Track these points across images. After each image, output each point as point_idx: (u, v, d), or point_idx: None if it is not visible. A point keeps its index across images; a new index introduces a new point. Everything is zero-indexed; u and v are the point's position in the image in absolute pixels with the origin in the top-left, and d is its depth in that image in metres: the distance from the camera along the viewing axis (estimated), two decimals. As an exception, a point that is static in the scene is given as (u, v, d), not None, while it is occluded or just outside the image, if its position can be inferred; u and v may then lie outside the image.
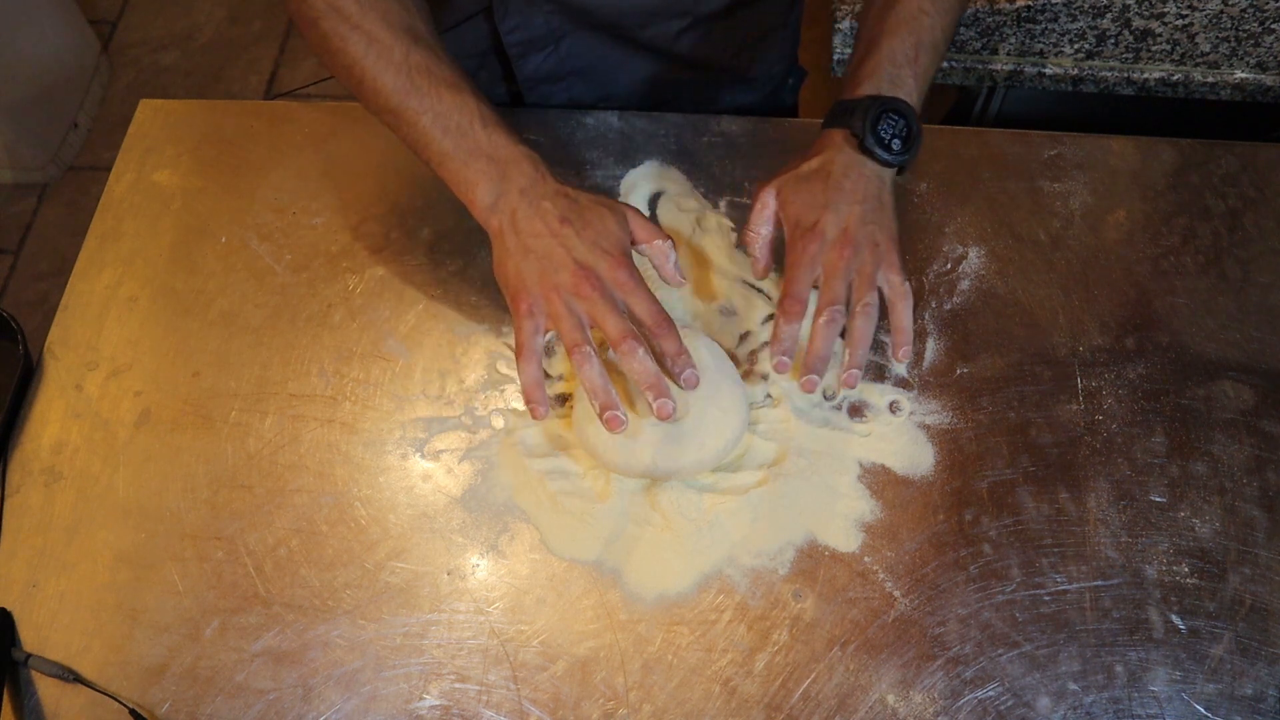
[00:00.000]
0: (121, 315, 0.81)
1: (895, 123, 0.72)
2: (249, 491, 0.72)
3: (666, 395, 0.66)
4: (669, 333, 0.67)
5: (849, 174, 0.72)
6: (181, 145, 0.90)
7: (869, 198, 0.72)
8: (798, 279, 0.71)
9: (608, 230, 0.69)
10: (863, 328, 0.70)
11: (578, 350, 0.66)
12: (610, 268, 0.67)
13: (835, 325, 0.70)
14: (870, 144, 0.71)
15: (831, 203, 0.71)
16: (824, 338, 0.70)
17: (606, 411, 0.66)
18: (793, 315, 0.70)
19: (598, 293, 0.67)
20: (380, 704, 0.65)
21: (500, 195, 0.69)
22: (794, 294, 0.71)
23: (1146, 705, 0.64)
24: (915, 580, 0.68)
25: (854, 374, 0.70)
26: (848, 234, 0.71)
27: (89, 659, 0.66)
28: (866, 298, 0.70)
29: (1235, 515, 0.71)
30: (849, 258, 0.70)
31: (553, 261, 0.67)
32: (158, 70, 2.24)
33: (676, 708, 0.64)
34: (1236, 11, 0.95)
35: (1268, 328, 0.79)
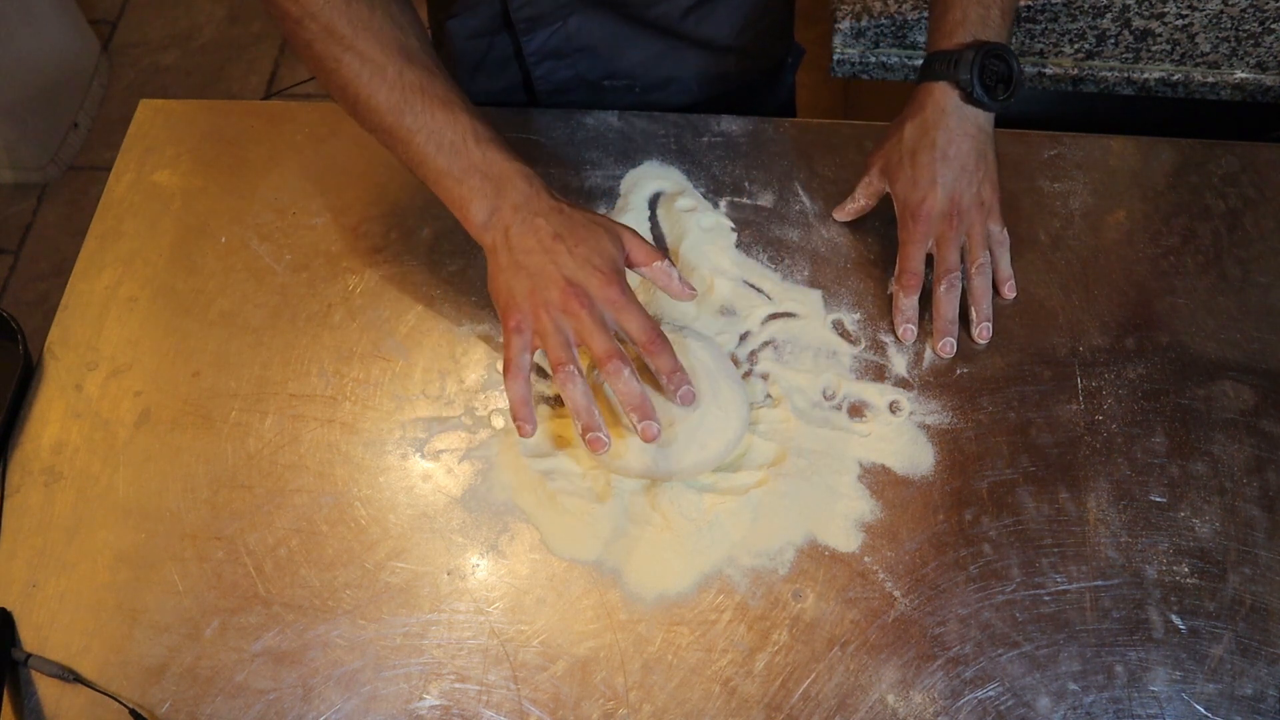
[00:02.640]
0: (121, 315, 0.81)
1: (999, 66, 0.74)
2: (249, 491, 0.72)
3: (651, 417, 0.66)
4: (662, 350, 0.67)
5: (952, 138, 0.75)
6: (181, 145, 0.90)
7: (972, 157, 0.76)
8: (912, 255, 0.77)
9: (601, 248, 0.69)
10: (981, 285, 0.77)
11: (562, 369, 0.66)
12: (601, 285, 0.67)
13: (955, 290, 0.77)
14: (979, 94, 0.74)
15: (937, 177, 0.75)
16: (948, 303, 0.77)
17: (589, 433, 0.66)
18: (911, 289, 0.77)
19: (585, 310, 0.66)
20: (380, 704, 0.65)
21: (494, 211, 0.69)
22: (911, 269, 0.77)
23: (1146, 705, 0.64)
24: (915, 580, 0.68)
25: (986, 327, 0.77)
26: (955, 204, 0.76)
27: (89, 659, 0.66)
28: (980, 258, 0.77)
29: (1235, 515, 0.71)
30: (958, 226, 0.76)
31: (543, 278, 0.67)
32: (158, 70, 2.24)
33: (676, 708, 0.64)
34: (1236, 11, 0.95)
35: (1268, 328, 0.79)
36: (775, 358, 0.77)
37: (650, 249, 0.72)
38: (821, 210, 0.85)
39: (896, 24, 1.02)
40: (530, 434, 0.67)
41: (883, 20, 0.99)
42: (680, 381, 0.68)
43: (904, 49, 1.04)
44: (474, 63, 0.98)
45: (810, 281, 0.81)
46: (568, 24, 0.92)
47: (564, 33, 0.92)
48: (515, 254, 0.68)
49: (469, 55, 0.97)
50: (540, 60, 0.94)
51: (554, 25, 0.92)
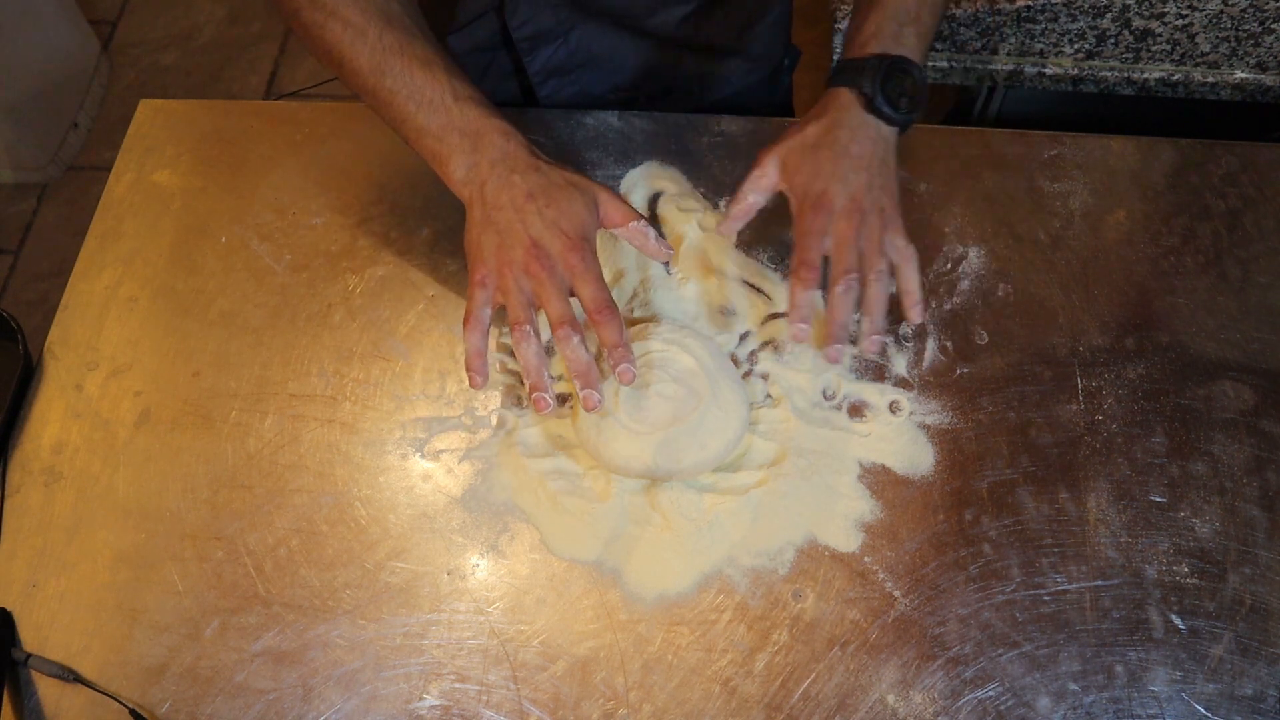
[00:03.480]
0: (121, 315, 0.81)
1: (903, 81, 0.72)
2: (249, 491, 0.72)
3: (593, 387, 0.67)
4: (608, 322, 0.67)
5: (855, 139, 0.73)
6: (181, 145, 0.90)
7: (874, 162, 0.73)
8: (810, 247, 0.71)
9: (571, 211, 0.69)
10: (878, 293, 0.71)
11: (518, 328, 0.67)
12: (564, 249, 0.68)
13: (852, 293, 0.71)
14: (880, 104, 0.72)
15: (839, 172, 0.72)
16: (842, 306, 0.70)
17: (534, 392, 0.67)
18: (809, 282, 0.71)
19: (546, 273, 0.67)
20: (380, 704, 0.65)
21: (472, 167, 0.70)
22: (808, 261, 0.71)
23: (1146, 705, 0.64)
24: (915, 580, 0.68)
25: (875, 340, 0.71)
26: (856, 203, 0.71)
27: (89, 659, 0.66)
28: (879, 265, 0.71)
29: (1235, 515, 0.71)
30: (858, 226, 0.71)
31: (511, 236, 0.68)
32: (158, 70, 2.24)
33: (676, 708, 0.64)
34: (1236, 11, 0.95)
35: (1268, 328, 0.79)
36: (775, 358, 0.77)
37: (626, 209, 0.72)
38: (821, 210, 0.85)
39: (896, 24, 1.02)
40: (480, 385, 0.68)
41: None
42: (621, 357, 0.68)
43: (904, 49, 1.04)
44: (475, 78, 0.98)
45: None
46: (569, 40, 0.92)
47: (566, 49, 0.93)
48: (488, 209, 0.69)
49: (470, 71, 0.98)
50: (545, 79, 0.94)
51: (555, 42, 0.92)
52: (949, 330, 0.79)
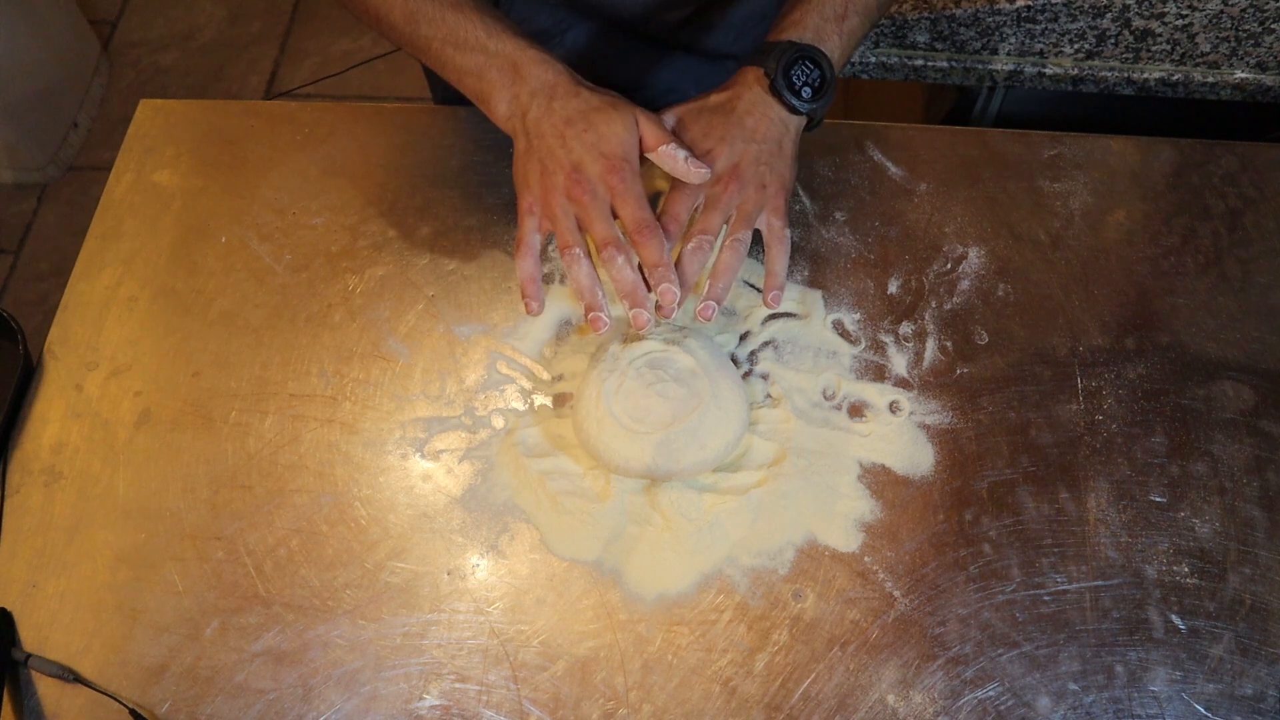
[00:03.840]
0: (121, 315, 0.81)
1: (810, 71, 0.72)
2: (249, 491, 0.72)
3: (642, 305, 0.68)
4: (650, 240, 0.68)
5: (753, 112, 0.72)
6: (181, 145, 0.90)
7: (768, 139, 0.72)
8: (678, 200, 0.72)
9: (612, 133, 0.70)
10: (728, 260, 0.71)
11: (568, 251, 0.69)
12: (604, 171, 0.69)
13: (701, 254, 0.71)
14: (780, 86, 0.72)
15: (729, 136, 0.72)
16: (688, 263, 0.70)
17: (590, 312, 0.69)
18: (669, 234, 0.71)
19: (588, 196, 0.68)
20: (380, 704, 0.65)
21: (513, 99, 0.71)
22: (671, 213, 0.72)
23: (1146, 705, 0.64)
24: (915, 580, 0.68)
25: (710, 306, 0.71)
26: (737, 169, 0.71)
27: (89, 659, 0.66)
28: (739, 233, 0.71)
29: (1235, 515, 0.71)
30: (733, 192, 0.71)
31: (553, 162, 0.69)
32: (158, 70, 2.24)
33: (676, 708, 0.64)
34: (1236, 11, 0.95)
35: (1268, 328, 0.79)
36: (775, 358, 0.77)
37: (659, 132, 0.72)
38: (821, 210, 0.85)
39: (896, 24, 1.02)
40: (537, 311, 0.70)
41: (882, 20, 0.99)
42: (662, 277, 0.68)
43: (904, 49, 1.04)
44: None
45: (810, 281, 0.81)
46: (564, 40, 0.92)
47: (561, 50, 0.93)
48: (531, 138, 0.70)
49: None
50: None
51: (551, 43, 0.92)
52: (949, 330, 0.79)
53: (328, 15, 2.29)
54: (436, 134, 0.90)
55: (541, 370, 0.77)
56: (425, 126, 0.90)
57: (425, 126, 0.90)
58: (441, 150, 0.89)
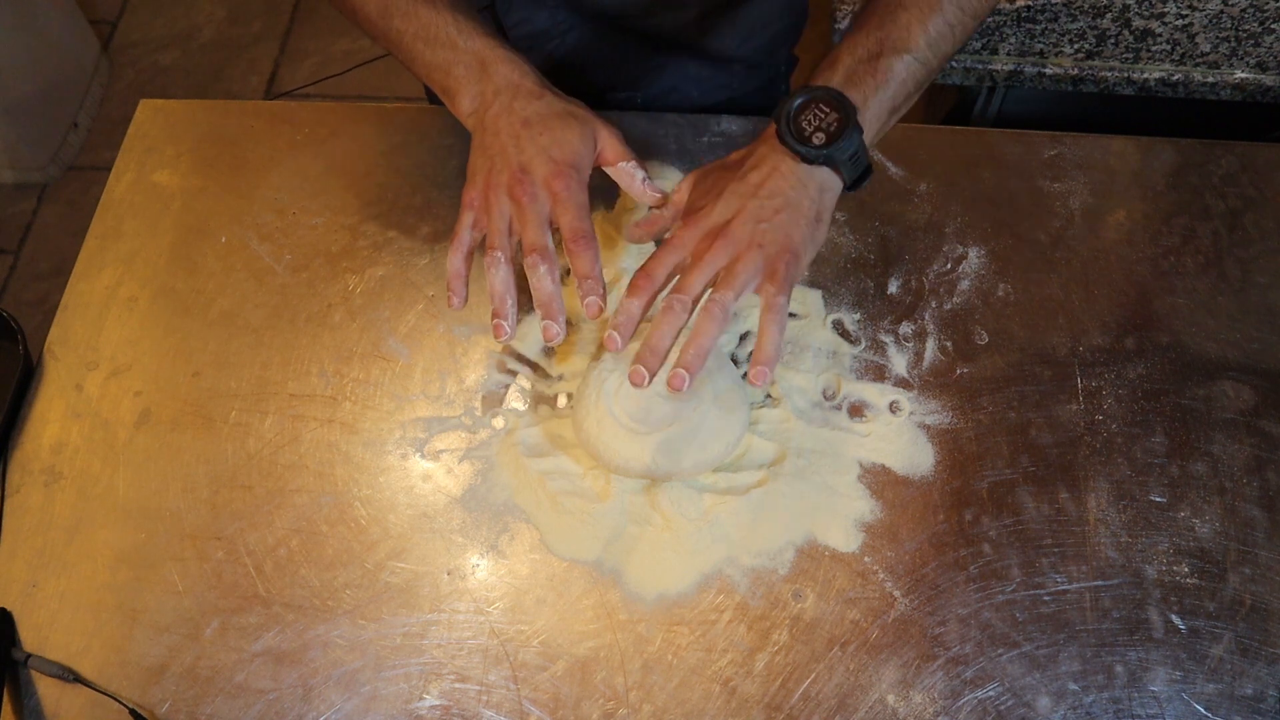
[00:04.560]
0: (121, 315, 0.81)
1: (824, 115, 0.64)
2: (249, 491, 0.72)
3: (553, 318, 0.65)
4: (584, 251, 0.65)
5: (761, 166, 0.66)
6: (181, 145, 0.90)
7: (777, 195, 0.65)
8: (660, 258, 0.65)
9: (566, 139, 0.68)
10: (701, 325, 0.63)
11: (490, 253, 0.67)
12: (549, 175, 0.67)
13: (673, 315, 0.63)
14: (784, 133, 0.64)
15: (727, 191, 0.66)
16: (661, 328, 0.63)
17: (495, 319, 0.66)
18: (638, 290, 0.65)
19: (527, 198, 0.66)
20: (380, 704, 0.65)
21: (478, 96, 0.71)
22: (646, 270, 0.65)
23: (1146, 705, 0.64)
24: (915, 580, 0.68)
25: (680, 374, 0.62)
26: (728, 226, 0.64)
27: (89, 659, 0.66)
28: (719, 295, 0.63)
29: (1235, 515, 0.71)
30: (718, 251, 0.64)
31: (502, 160, 0.68)
32: (158, 70, 2.24)
33: (676, 708, 0.64)
34: (1236, 11, 0.95)
35: (1268, 328, 0.79)
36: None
37: (621, 148, 0.72)
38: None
39: (896, 24, 1.02)
40: (458, 306, 0.68)
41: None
42: (590, 289, 0.65)
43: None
44: None
45: (810, 281, 0.81)
46: (565, 41, 0.92)
47: (562, 51, 0.92)
48: (486, 134, 0.70)
49: None
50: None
51: (552, 43, 0.92)
52: (949, 330, 0.79)
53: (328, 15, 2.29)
54: (436, 134, 0.90)
55: (541, 370, 0.77)
56: (425, 126, 0.90)
57: (425, 126, 0.90)
58: (441, 150, 0.89)
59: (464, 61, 0.70)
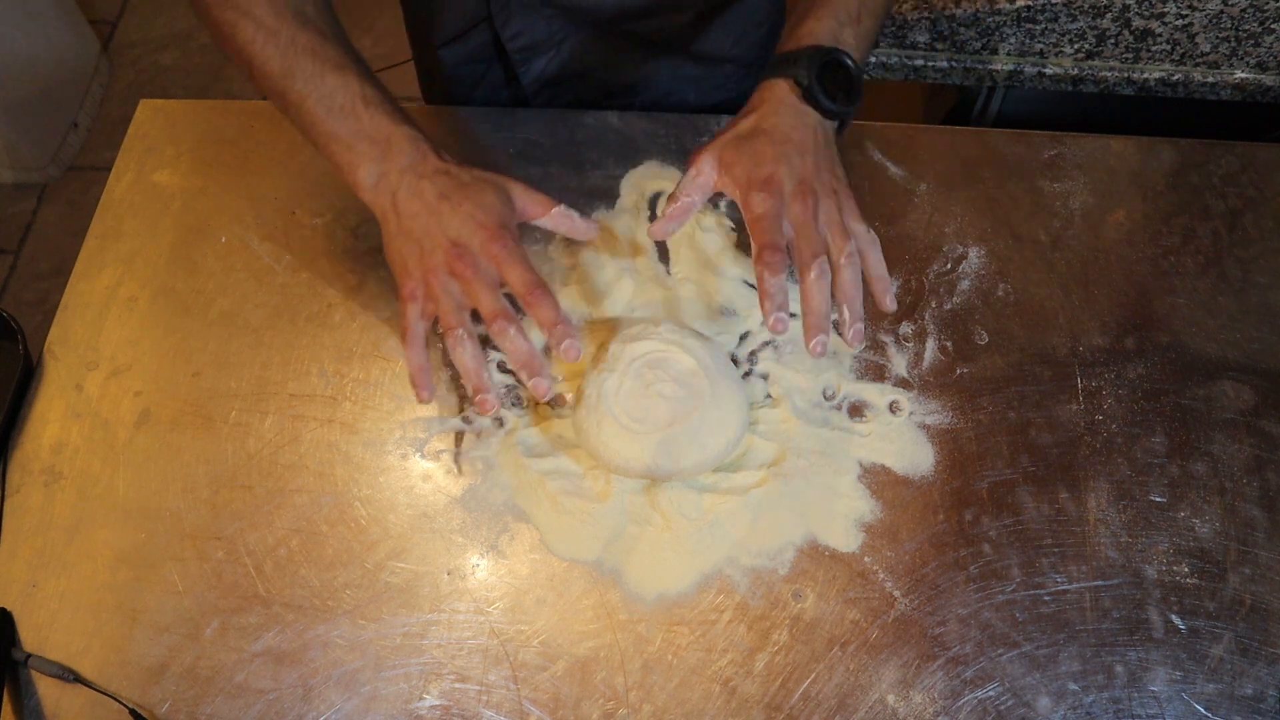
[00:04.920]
0: (121, 315, 0.81)
1: (839, 74, 0.70)
2: (249, 491, 0.72)
3: (539, 374, 0.66)
4: (541, 301, 0.65)
5: (795, 127, 0.70)
6: (181, 145, 0.90)
7: (818, 148, 0.70)
8: (769, 229, 0.66)
9: (485, 203, 0.68)
10: (852, 278, 0.67)
11: (451, 334, 0.66)
12: (484, 241, 0.67)
13: (826, 278, 0.66)
14: (816, 93, 0.70)
15: (783, 155, 0.68)
16: (820, 293, 0.66)
17: (478, 394, 0.67)
18: (777, 266, 0.65)
19: (471, 270, 0.66)
20: (380, 704, 0.65)
21: (381, 176, 0.69)
22: (772, 243, 0.66)
23: (1146, 705, 0.64)
24: (915, 580, 0.68)
25: (858, 329, 0.67)
26: (806, 184, 0.68)
27: (89, 659, 0.66)
28: (847, 246, 0.67)
29: (1235, 515, 0.71)
30: (813, 207, 0.67)
31: (430, 241, 0.67)
32: (158, 70, 2.24)
33: (676, 708, 0.64)
34: (1236, 11, 0.95)
35: (1268, 328, 0.79)
36: (775, 358, 0.77)
37: (541, 198, 0.71)
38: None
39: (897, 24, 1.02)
40: (427, 400, 0.68)
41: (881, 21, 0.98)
42: (562, 335, 0.65)
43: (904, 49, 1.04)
44: (467, 90, 0.98)
45: (810, 281, 0.81)
46: (562, 50, 0.92)
47: (559, 60, 0.92)
48: (403, 220, 0.69)
49: (462, 82, 0.98)
50: (539, 89, 0.94)
51: (549, 53, 0.92)
52: (949, 330, 0.79)
53: (328, 15, 2.28)
54: (436, 134, 0.90)
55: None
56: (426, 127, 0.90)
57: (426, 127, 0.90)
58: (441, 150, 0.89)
59: (368, 136, 0.69)
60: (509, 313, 0.66)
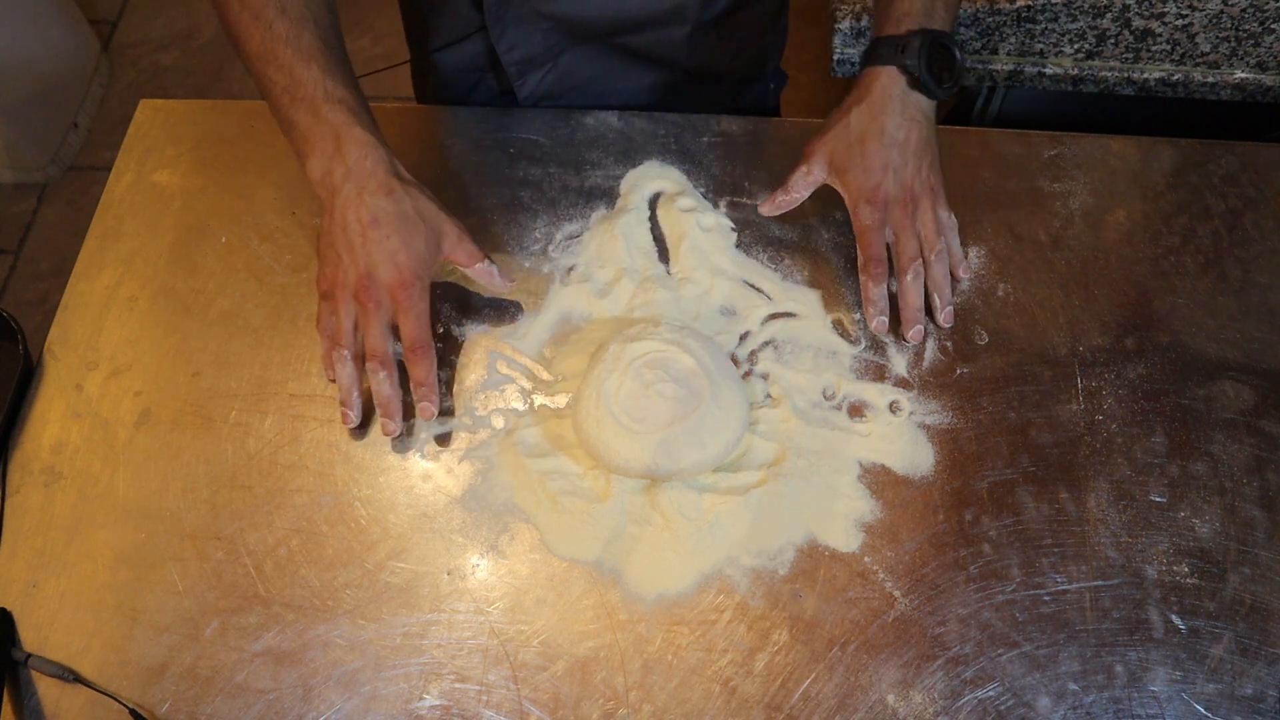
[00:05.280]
0: (121, 315, 0.81)
1: (943, 56, 0.74)
2: (249, 491, 0.72)
3: (390, 417, 0.71)
4: (421, 361, 0.71)
5: (902, 125, 0.75)
6: (181, 145, 0.90)
7: (919, 143, 0.76)
8: (874, 242, 0.77)
9: (411, 246, 0.71)
10: (941, 271, 0.78)
11: (335, 349, 0.72)
12: (393, 284, 0.70)
13: (920, 279, 0.77)
14: (926, 80, 0.74)
15: (890, 163, 0.76)
16: (915, 291, 0.77)
17: (342, 407, 0.72)
18: (880, 277, 0.77)
19: (373, 304, 0.70)
20: (380, 704, 0.65)
21: (327, 173, 0.71)
22: (876, 256, 0.77)
23: (1146, 705, 0.64)
24: (915, 580, 0.68)
25: (949, 311, 0.78)
26: (908, 190, 0.76)
27: (89, 659, 0.66)
28: (938, 244, 0.77)
29: (1235, 515, 0.71)
30: (912, 213, 0.77)
31: (350, 257, 0.71)
32: (158, 70, 2.24)
33: (676, 708, 0.64)
34: (1236, 11, 0.95)
35: (1268, 328, 0.79)
36: (775, 358, 0.77)
37: (471, 251, 0.75)
38: (821, 210, 0.85)
39: (896, 24, 1.01)
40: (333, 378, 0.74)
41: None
42: (424, 395, 0.72)
43: (904, 49, 1.04)
44: (461, 94, 0.98)
45: (810, 281, 0.81)
46: (558, 64, 0.92)
47: (555, 74, 0.92)
48: (335, 225, 0.72)
49: (456, 87, 0.98)
50: (534, 102, 0.94)
51: (545, 67, 0.92)
52: (949, 330, 0.79)
53: (328, 15, 2.28)
54: (435, 134, 0.90)
55: (541, 370, 0.77)
56: (424, 127, 0.90)
57: (424, 127, 0.90)
58: (440, 150, 0.89)
59: (320, 132, 0.71)
60: (387, 357, 0.71)
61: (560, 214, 0.85)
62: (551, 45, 0.90)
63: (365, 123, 0.72)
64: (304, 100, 0.71)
